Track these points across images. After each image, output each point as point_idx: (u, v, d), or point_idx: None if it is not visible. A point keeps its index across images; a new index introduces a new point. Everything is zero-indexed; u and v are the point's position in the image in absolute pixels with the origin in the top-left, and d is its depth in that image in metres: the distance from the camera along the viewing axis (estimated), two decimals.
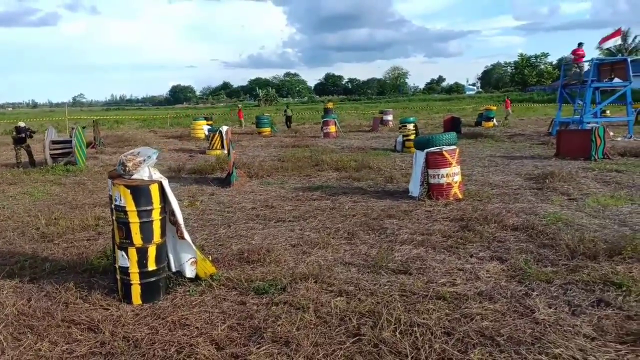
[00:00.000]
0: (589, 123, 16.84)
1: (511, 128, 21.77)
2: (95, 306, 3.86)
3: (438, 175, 7.65)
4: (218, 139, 16.10)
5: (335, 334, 3.33)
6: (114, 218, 3.93)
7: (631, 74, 16.31)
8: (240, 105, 38.13)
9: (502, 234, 5.61)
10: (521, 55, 78.44)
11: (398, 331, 3.29)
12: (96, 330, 3.46)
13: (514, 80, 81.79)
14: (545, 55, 77.42)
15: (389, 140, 18.06)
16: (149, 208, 3.85)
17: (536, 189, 8.22)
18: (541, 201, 7.40)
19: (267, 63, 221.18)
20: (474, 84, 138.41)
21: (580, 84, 16.86)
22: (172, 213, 4.02)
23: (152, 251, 3.92)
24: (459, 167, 7.77)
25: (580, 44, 18.11)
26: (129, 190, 3.80)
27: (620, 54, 77.40)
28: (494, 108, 25.02)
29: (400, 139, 15.52)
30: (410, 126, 15.41)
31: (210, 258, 4.88)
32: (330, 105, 22.61)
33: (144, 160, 3.92)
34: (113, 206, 3.91)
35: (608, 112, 28.48)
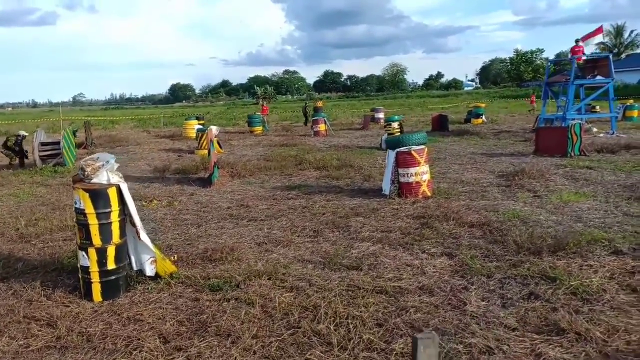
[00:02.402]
0: (572, 120, 17.10)
1: (499, 125, 21.99)
2: (57, 303, 4.10)
3: (407, 174, 7.89)
4: (209, 138, 16.32)
5: (276, 327, 3.57)
6: (75, 220, 4.16)
7: (613, 70, 16.52)
8: (265, 103, 34.29)
9: (458, 231, 5.84)
10: (516, 51, 78.60)
11: (334, 324, 3.53)
12: (54, 326, 3.70)
13: (510, 76, 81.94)
14: (541, 50, 77.56)
15: (377, 139, 18.25)
16: (107, 210, 4.09)
17: (504, 187, 8.45)
18: (507, 198, 7.64)
19: (266, 60, 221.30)
20: (472, 80, 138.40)
21: (564, 82, 17.06)
22: (130, 215, 4.25)
23: (111, 251, 4.16)
24: (427, 166, 8.01)
25: (577, 41, 18.29)
26: (87, 194, 4.03)
27: (616, 49, 77.68)
28: (483, 105, 25.22)
29: (385, 137, 15.75)
30: (395, 124, 15.65)
31: (174, 257, 5.12)
32: (320, 104, 22.77)
33: (103, 165, 4.15)
34: (74, 209, 4.15)
35: (598, 107, 28.76)
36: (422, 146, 8.03)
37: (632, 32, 76.67)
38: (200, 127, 19.42)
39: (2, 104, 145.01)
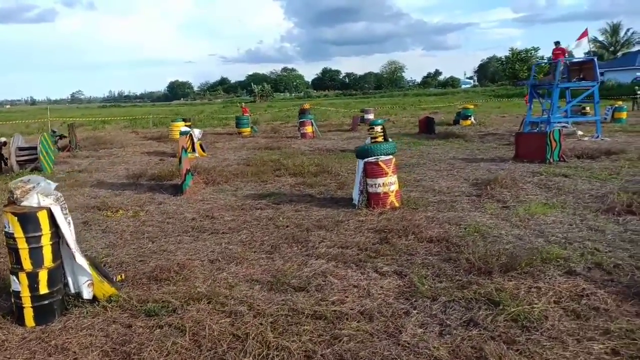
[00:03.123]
0: (558, 123, 17.01)
1: (486, 127, 21.89)
2: None
3: (375, 184, 7.79)
4: (189, 142, 16.20)
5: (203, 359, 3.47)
6: (5, 244, 4.05)
7: (598, 73, 16.44)
8: (244, 104, 36.37)
9: (416, 247, 5.74)
10: (512, 49, 78.55)
11: (260, 356, 3.43)
12: None
13: (505, 75, 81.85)
14: (536, 49, 77.34)
15: (363, 142, 18.14)
16: (37, 234, 3.97)
17: (475, 196, 8.35)
18: (475, 209, 7.54)
19: (266, 58, 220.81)
20: (470, 78, 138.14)
21: (548, 84, 16.97)
22: (64, 238, 4.14)
23: (43, 275, 4.05)
24: (395, 176, 7.90)
25: (557, 43, 18.24)
26: (16, 218, 3.92)
27: (612, 47, 77.54)
28: (472, 106, 25.12)
29: (368, 141, 15.61)
30: (378, 128, 15.49)
31: (121, 276, 5.01)
32: (306, 105, 22.62)
33: (33, 187, 4.03)
34: (4, 232, 4.03)
35: (588, 108, 28.67)
36: (390, 156, 7.93)
37: (628, 30, 76.61)
38: (187, 129, 19.32)
39: (1, 101, 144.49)
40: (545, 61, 17.80)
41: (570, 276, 4.71)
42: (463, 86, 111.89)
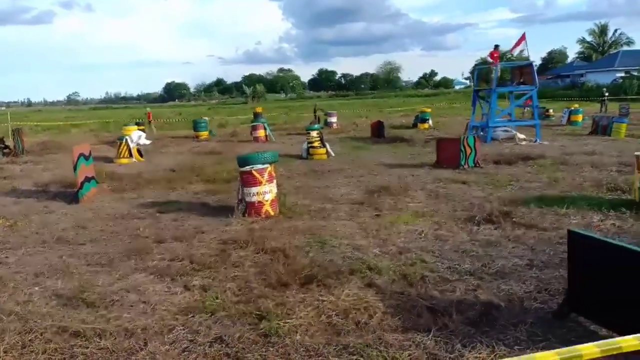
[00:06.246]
0: (497, 127, 17.09)
1: (439, 130, 21.91)
2: None
3: (250, 193, 7.79)
4: (125, 147, 16.20)
5: None
6: None
7: (536, 78, 16.51)
8: (149, 109, 38.05)
9: (250, 258, 5.73)
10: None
11: None
12: None
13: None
14: (521, 50, 77.63)
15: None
16: None
17: (359, 204, 8.36)
18: (349, 218, 7.55)
19: (264, 59, 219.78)
20: (467, 78, 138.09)
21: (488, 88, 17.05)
22: None
23: None
24: (270, 185, 7.87)
25: (496, 46, 18.33)
26: None
27: (600, 48, 77.66)
28: (429, 110, 25.23)
29: (305, 146, 15.67)
30: (314, 133, 15.55)
31: None
32: (259, 109, 22.67)
33: None
34: None
35: (552, 111, 28.81)
36: (266, 165, 7.92)
37: (616, 30, 76.97)
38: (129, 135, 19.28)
39: None
40: (485, 66, 17.76)
41: (365, 289, 4.71)
42: (457, 87, 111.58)
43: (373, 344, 3.69)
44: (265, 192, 7.80)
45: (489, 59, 17.41)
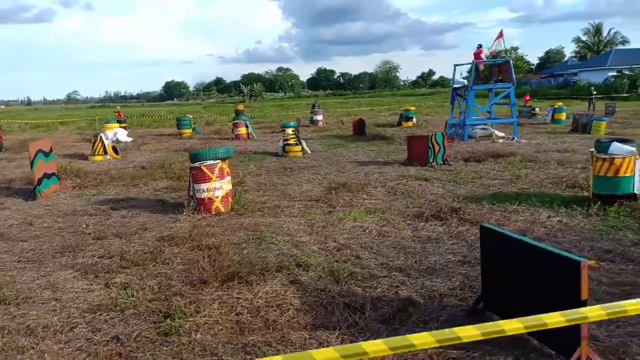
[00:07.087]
0: (476, 125, 16.97)
1: (422, 129, 21.79)
2: None
3: (200, 189, 7.65)
4: (100, 144, 16.04)
5: None
6: None
7: (514, 76, 16.39)
8: (119, 108, 38.72)
9: (183, 255, 5.60)
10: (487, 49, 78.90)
11: None
12: None
13: (485, 74, 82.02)
14: (515, 49, 77.56)
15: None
16: None
17: (314, 201, 8.23)
18: (300, 215, 7.41)
19: (264, 58, 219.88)
20: (465, 77, 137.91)
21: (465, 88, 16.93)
22: None
23: None
24: (221, 181, 7.73)
25: (479, 46, 18.24)
26: None
27: (595, 47, 77.68)
28: (413, 109, 25.13)
29: (281, 143, 15.53)
30: (289, 130, 15.41)
31: None
32: (240, 107, 22.51)
33: None
34: None
35: (538, 109, 28.70)
36: (217, 161, 7.78)
37: (610, 30, 77.08)
38: (106, 132, 19.14)
39: None
40: (466, 63, 17.69)
41: (287, 285, 4.59)
42: (455, 86, 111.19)
43: (274, 343, 3.57)
44: (216, 189, 7.66)
45: (474, 58, 17.26)
